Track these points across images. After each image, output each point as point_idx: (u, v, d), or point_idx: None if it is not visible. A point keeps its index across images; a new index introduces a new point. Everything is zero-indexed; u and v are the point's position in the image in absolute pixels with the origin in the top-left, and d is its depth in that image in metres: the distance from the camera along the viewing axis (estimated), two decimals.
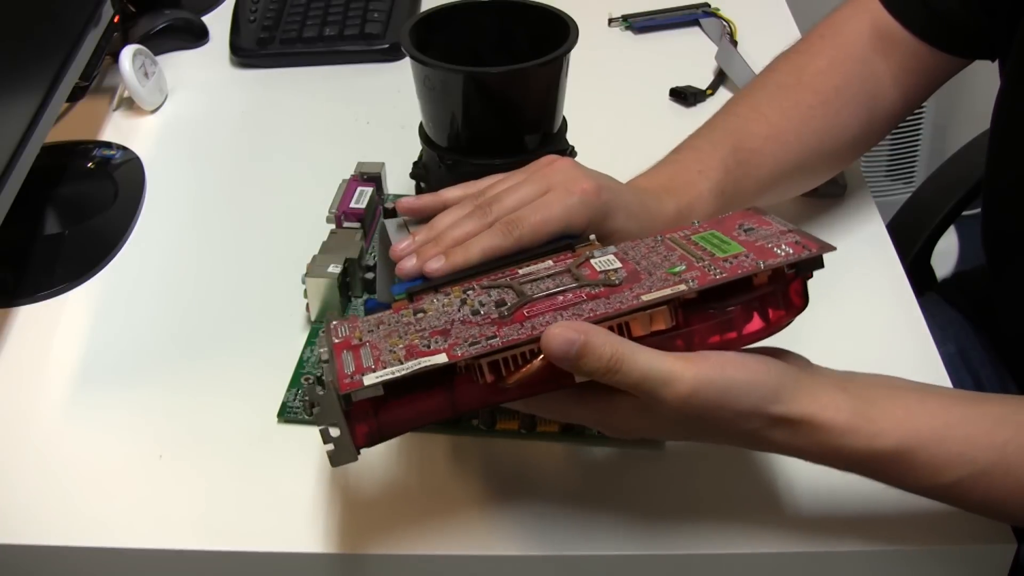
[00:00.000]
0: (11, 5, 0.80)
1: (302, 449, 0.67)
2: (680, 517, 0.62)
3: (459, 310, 0.56)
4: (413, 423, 0.53)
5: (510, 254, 0.61)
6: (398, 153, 0.82)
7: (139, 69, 1.00)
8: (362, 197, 0.80)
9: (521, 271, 0.60)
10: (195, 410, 0.70)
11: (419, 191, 0.80)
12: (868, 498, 0.62)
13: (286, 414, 0.69)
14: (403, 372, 0.50)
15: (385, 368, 0.51)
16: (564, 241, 0.62)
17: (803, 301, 0.54)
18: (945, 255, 1.70)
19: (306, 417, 0.68)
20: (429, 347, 0.52)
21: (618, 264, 0.58)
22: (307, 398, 0.53)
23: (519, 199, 0.63)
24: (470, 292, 0.58)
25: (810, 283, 0.55)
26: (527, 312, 0.54)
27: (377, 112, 1.00)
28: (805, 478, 0.64)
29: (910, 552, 0.60)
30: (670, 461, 0.66)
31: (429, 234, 0.63)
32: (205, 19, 1.15)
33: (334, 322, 0.57)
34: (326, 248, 0.77)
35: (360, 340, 0.54)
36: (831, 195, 0.87)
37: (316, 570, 0.63)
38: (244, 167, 0.95)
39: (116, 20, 1.02)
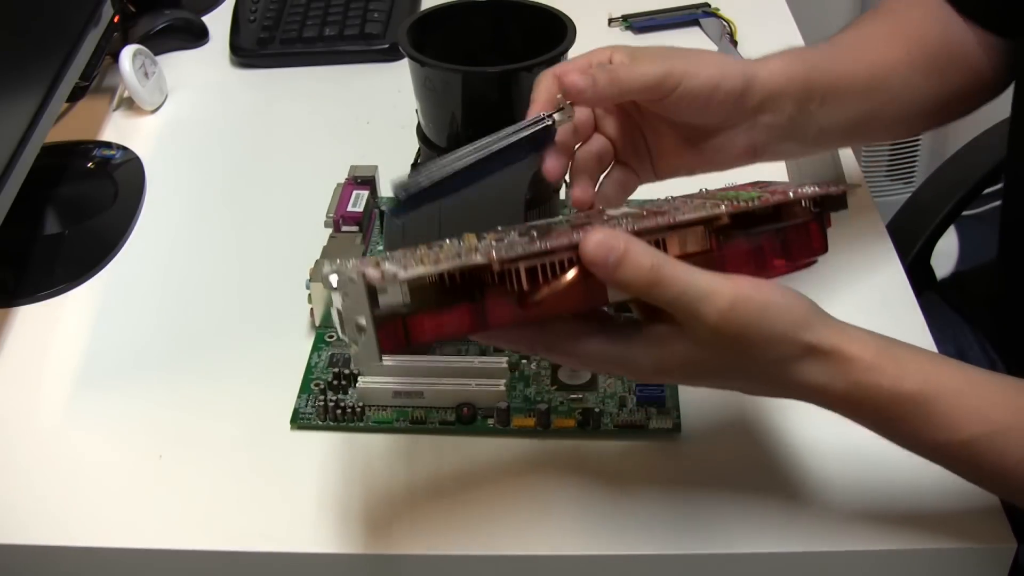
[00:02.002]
0: (11, 5, 0.80)
1: (305, 449, 0.67)
2: (685, 516, 0.62)
3: (479, 241, 0.55)
4: (439, 333, 0.51)
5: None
6: (398, 153, 0.82)
7: (139, 69, 1.00)
8: (359, 200, 0.80)
9: (536, 223, 0.59)
10: (195, 410, 0.70)
11: None
12: (868, 498, 0.62)
13: (299, 420, 0.69)
14: (440, 268, 0.48)
15: (417, 267, 0.49)
16: (543, 118, 0.61)
17: (823, 244, 0.55)
18: (945, 255, 1.70)
19: (319, 423, 0.68)
20: (460, 256, 0.50)
21: (636, 211, 0.57)
22: (338, 289, 0.50)
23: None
24: (484, 236, 0.57)
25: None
26: (555, 235, 0.53)
27: (377, 112, 1.00)
28: (805, 477, 0.64)
29: (910, 552, 0.60)
30: (683, 455, 0.66)
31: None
32: (205, 19, 1.15)
33: (350, 262, 0.54)
34: (327, 253, 0.76)
35: (377, 265, 0.52)
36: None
37: (317, 570, 0.63)
38: (244, 167, 0.95)
39: (116, 20, 1.02)
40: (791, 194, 0.54)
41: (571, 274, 0.50)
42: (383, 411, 0.68)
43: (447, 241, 0.56)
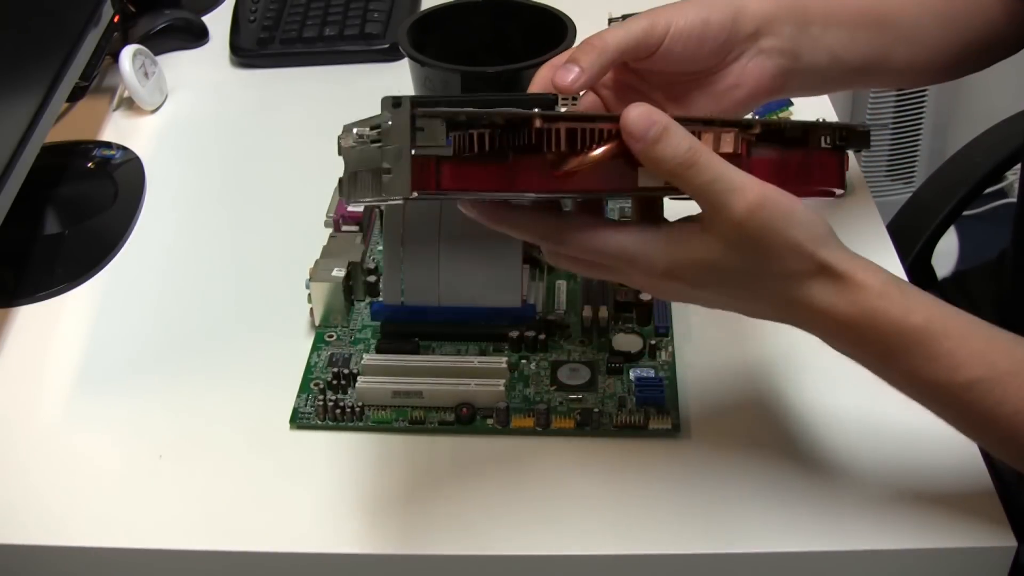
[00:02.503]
0: (11, 5, 0.80)
1: (305, 449, 0.67)
2: (684, 516, 0.62)
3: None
4: (470, 184, 0.50)
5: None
6: None
7: (139, 69, 1.00)
8: None
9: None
10: (195, 410, 0.70)
11: None
12: (868, 498, 0.62)
13: (298, 420, 0.69)
14: (484, 111, 0.48)
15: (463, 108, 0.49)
16: (543, 97, 0.61)
17: (842, 180, 0.57)
18: (945, 255, 1.70)
19: (318, 422, 0.68)
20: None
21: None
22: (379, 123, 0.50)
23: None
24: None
25: None
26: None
27: (377, 112, 0.99)
28: (803, 478, 0.64)
29: (910, 552, 0.60)
30: (682, 456, 0.66)
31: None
32: (205, 19, 1.15)
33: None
34: (327, 252, 0.76)
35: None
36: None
37: (317, 570, 0.63)
38: (244, 167, 0.95)
39: (116, 20, 1.02)
40: (821, 118, 0.55)
41: (606, 147, 0.50)
42: (382, 411, 0.68)
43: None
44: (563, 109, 0.61)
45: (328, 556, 0.62)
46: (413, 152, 0.48)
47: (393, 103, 0.49)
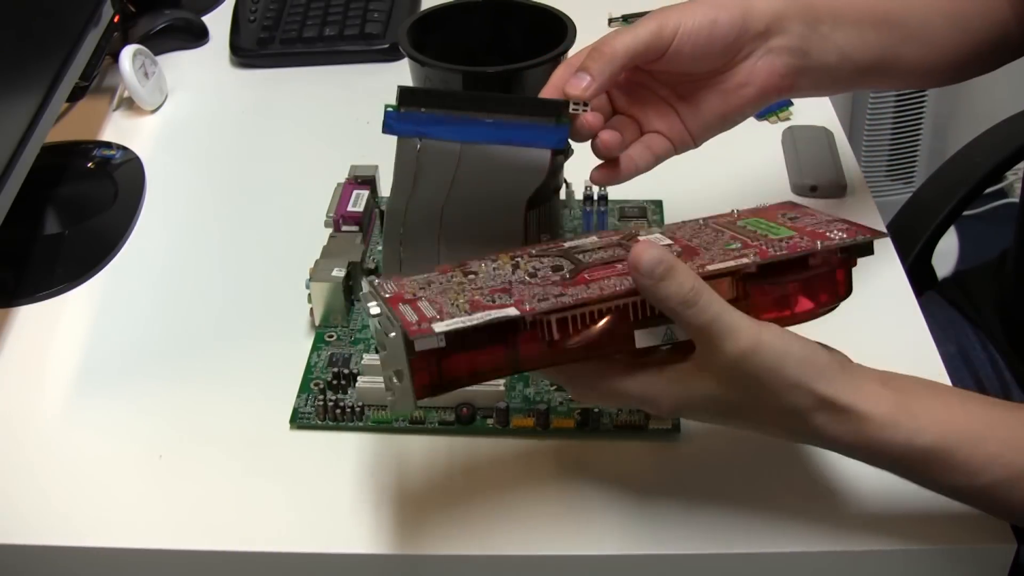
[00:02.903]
0: (11, 5, 0.80)
1: (305, 449, 0.67)
2: (684, 516, 0.62)
3: (513, 273, 0.57)
4: (473, 377, 0.53)
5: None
6: None
7: (139, 69, 1.00)
8: (359, 200, 0.80)
9: (566, 244, 0.61)
10: (195, 410, 0.70)
11: None
12: (867, 498, 0.62)
13: (298, 420, 0.68)
14: (474, 322, 0.50)
15: (452, 318, 0.51)
16: (554, 102, 0.62)
17: (847, 289, 0.56)
18: (945, 255, 1.70)
19: (318, 422, 0.68)
20: (494, 302, 0.53)
21: (668, 241, 0.59)
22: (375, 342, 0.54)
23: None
24: (519, 259, 0.59)
25: None
26: (588, 276, 0.55)
27: (377, 112, 0.99)
28: (803, 478, 0.64)
29: (910, 552, 0.60)
30: (682, 455, 0.66)
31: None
32: (205, 19, 1.15)
33: (376, 280, 0.57)
34: (327, 252, 0.76)
35: (414, 295, 0.54)
36: (831, 195, 0.87)
37: (318, 570, 0.63)
38: (244, 167, 0.95)
39: (116, 20, 1.02)
40: (819, 245, 0.55)
41: (601, 324, 0.53)
42: (382, 411, 0.68)
43: (482, 265, 0.58)
44: (572, 108, 0.61)
45: (329, 556, 0.62)
46: (411, 371, 0.51)
47: (379, 324, 0.52)
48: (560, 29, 0.72)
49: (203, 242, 0.86)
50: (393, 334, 0.50)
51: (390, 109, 0.64)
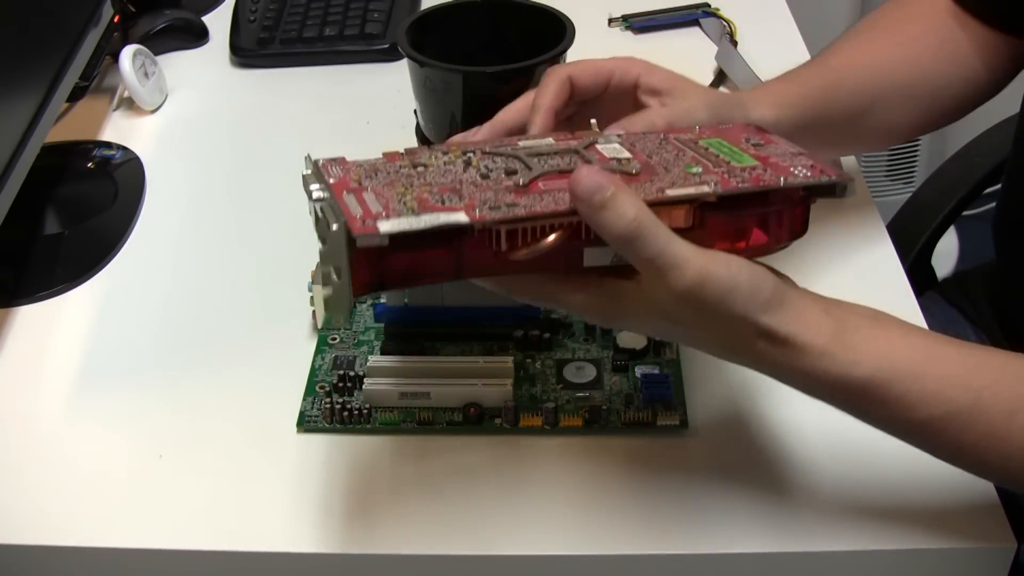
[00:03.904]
0: (11, 5, 0.80)
1: (313, 452, 0.67)
2: (694, 515, 0.62)
3: (464, 171, 0.55)
4: (413, 280, 0.51)
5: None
6: None
7: (139, 69, 1.00)
8: None
9: (520, 143, 0.59)
10: (195, 410, 0.70)
11: None
12: (867, 497, 0.62)
13: (305, 423, 0.68)
14: (421, 226, 0.48)
15: (399, 217, 0.49)
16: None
17: (804, 227, 0.55)
18: (945, 255, 1.70)
19: (325, 425, 0.68)
20: (443, 203, 0.50)
21: (627, 154, 0.57)
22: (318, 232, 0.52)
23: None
24: (471, 155, 0.56)
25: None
26: (542, 185, 0.53)
27: (377, 112, 1.00)
28: (806, 476, 0.64)
29: (910, 552, 0.60)
30: (691, 451, 0.66)
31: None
32: (205, 19, 1.15)
33: (322, 160, 0.54)
34: None
35: (359, 183, 0.52)
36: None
37: (320, 570, 0.63)
38: (244, 167, 0.95)
39: (116, 20, 1.02)
40: (782, 181, 0.53)
41: (550, 239, 0.50)
42: (390, 412, 0.68)
43: (431, 157, 0.56)
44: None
45: (336, 556, 0.62)
46: (350, 268, 0.49)
47: (320, 211, 0.50)
48: (558, 29, 0.72)
49: (203, 242, 0.86)
50: (335, 227, 0.48)
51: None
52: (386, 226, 0.48)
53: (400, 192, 0.51)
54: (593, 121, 0.62)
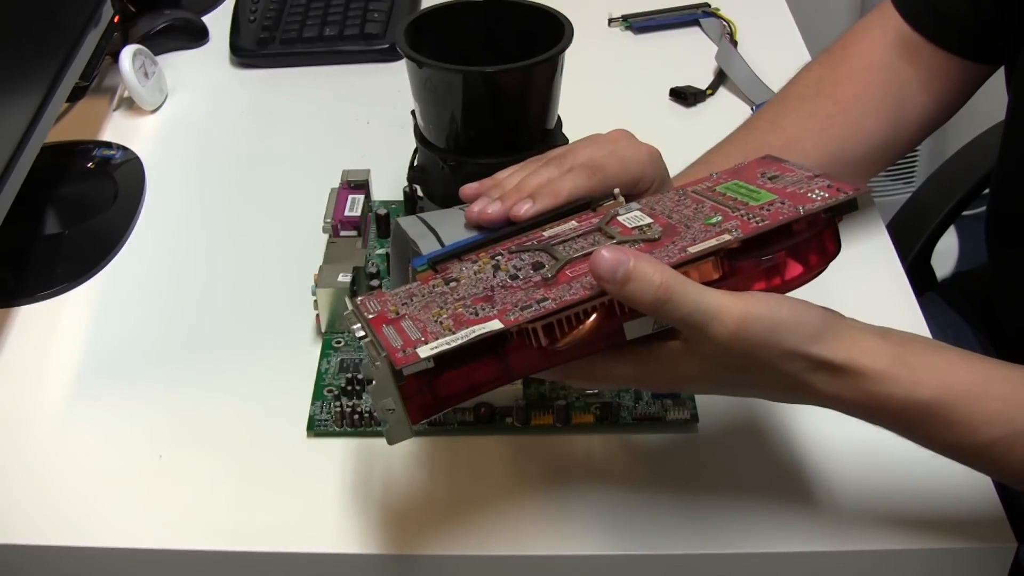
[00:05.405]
0: (11, 5, 0.80)
1: (321, 454, 0.67)
2: (702, 513, 0.62)
3: (495, 276, 0.55)
4: (468, 394, 0.52)
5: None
6: (398, 153, 0.82)
7: (139, 69, 1.00)
8: (355, 205, 0.79)
9: (545, 234, 0.59)
10: (195, 410, 0.70)
11: (414, 195, 0.80)
12: (868, 498, 0.62)
13: (315, 427, 0.68)
14: (459, 342, 0.49)
15: (437, 339, 0.49)
16: (583, 201, 0.62)
17: (837, 246, 0.55)
18: (945, 255, 1.70)
19: (335, 429, 0.68)
20: (477, 314, 0.51)
21: (648, 219, 0.57)
22: (362, 376, 0.51)
23: (591, 153, 0.63)
24: (499, 258, 0.57)
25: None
26: (570, 273, 0.54)
27: (377, 112, 1.00)
28: (808, 476, 0.64)
29: (910, 552, 0.60)
30: (702, 445, 0.66)
31: (502, 189, 0.63)
32: (205, 19, 1.15)
33: (359, 298, 0.56)
34: (329, 258, 0.76)
35: (397, 313, 0.53)
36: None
37: (321, 570, 0.63)
38: (244, 167, 0.95)
39: (116, 20, 1.02)
40: (801, 210, 0.53)
41: (589, 322, 0.51)
42: None
43: (463, 269, 0.57)
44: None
45: (339, 556, 0.61)
46: (403, 400, 0.50)
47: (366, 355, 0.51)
48: (558, 29, 0.72)
49: (203, 242, 0.86)
50: (379, 363, 0.49)
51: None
52: (425, 351, 0.49)
53: (436, 313, 0.52)
54: (616, 191, 0.62)
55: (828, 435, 0.66)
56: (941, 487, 0.62)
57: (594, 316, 0.51)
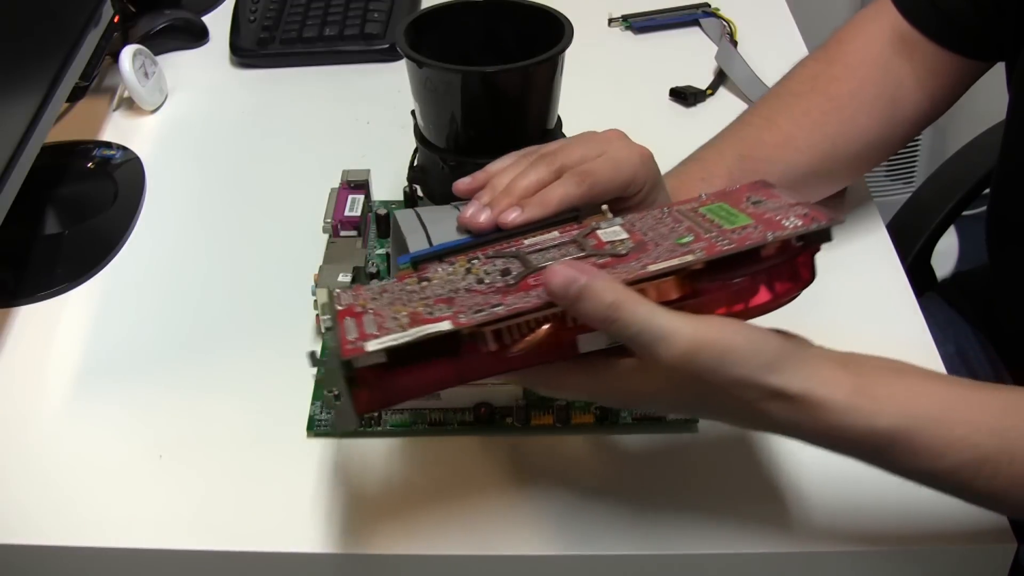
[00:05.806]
0: (11, 5, 0.80)
1: (319, 454, 0.67)
2: (701, 514, 0.62)
3: (463, 279, 0.56)
4: (417, 391, 0.52)
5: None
6: (398, 153, 0.82)
7: (139, 69, 1.00)
8: (355, 205, 0.79)
9: (527, 241, 0.60)
10: (195, 410, 0.70)
11: (414, 195, 0.80)
12: (868, 498, 0.62)
13: (315, 428, 0.68)
14: (406, 339, 0.49)
15: (388, 335, 0.50)
16: (571, 213, 0.62)
17: (811, 274, 0.54)
18: (945, 255, 1.70)
19: (335, 430, 0.68)
20: (433, 314, 0.52)
21: (625, 235, 0.58)
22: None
23: (582, 154, 0.63)
24: (475, 261, 0.58)
25: (811, 284, 0.55)
26: (533, 281, 0.54)
27: (377, 112, 1.00)
28: (809, 476, 0.64)
29: (910, 552, 0.60)
30: (701, 445, 0.66)
31: (493, 191, 0.63)
32: (205, 19, 1.15)
33: (337, 291, 0.57)
34: (330, 258, 0.76)
35: (363, 308, 0.54)
36: (831, 195, 0.86)
37: (321, 571, 0.63)
38: (244, 167, 0.95)
39: (116, 20, 1.02)
40: (769, 236, 0.52)
41: (542, 331, 0.51)
42: (400, 415, 0.68)
43: (438, 270, 0.57)
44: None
45: (342, 557, 0.62)
46: (349, 389, 0.50)
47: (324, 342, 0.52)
48: (557, 29, 0.72)
49: (203, 242, 0.86)
50: (328, 353, 0.50)
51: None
52: (373, 345, 0.49)
53: (396, 310, 0.53)
54: (604, 207, 0.62)
55: None
56: None
57: (547, 326, 0.51)
